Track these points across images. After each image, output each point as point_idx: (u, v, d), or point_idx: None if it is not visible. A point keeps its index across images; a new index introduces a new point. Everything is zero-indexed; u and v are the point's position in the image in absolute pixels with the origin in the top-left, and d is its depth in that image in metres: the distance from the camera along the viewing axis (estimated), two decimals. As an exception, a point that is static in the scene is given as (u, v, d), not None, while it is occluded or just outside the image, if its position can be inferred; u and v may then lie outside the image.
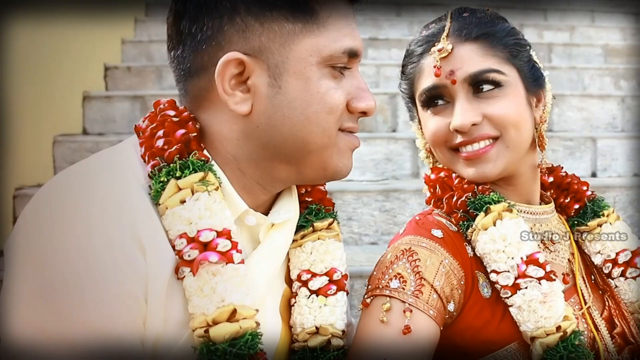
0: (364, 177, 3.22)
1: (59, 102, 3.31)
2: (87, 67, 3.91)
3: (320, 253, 1.14)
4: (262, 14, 0.99)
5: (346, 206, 2.84)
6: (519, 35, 1.27)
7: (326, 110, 1.01)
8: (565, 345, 1.10)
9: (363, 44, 3.47)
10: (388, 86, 4.05)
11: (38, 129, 2.98)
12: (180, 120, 1.02)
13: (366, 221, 2.84)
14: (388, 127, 3.69)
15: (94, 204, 0.90)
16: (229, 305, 0.93)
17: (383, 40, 4.56)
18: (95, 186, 0.92)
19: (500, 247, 1.15)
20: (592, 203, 1.36)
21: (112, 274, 0.88)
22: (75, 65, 3.60)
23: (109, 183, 0.94)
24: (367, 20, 5.00)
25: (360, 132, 3.49)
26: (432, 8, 5.07)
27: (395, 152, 3.26)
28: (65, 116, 3.44)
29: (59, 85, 3.29)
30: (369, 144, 3.24)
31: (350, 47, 1.03)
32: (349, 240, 2.80)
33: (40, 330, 0.86)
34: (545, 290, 1.13)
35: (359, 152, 3.41)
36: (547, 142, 1.31)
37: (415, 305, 1.09)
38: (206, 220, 0.95)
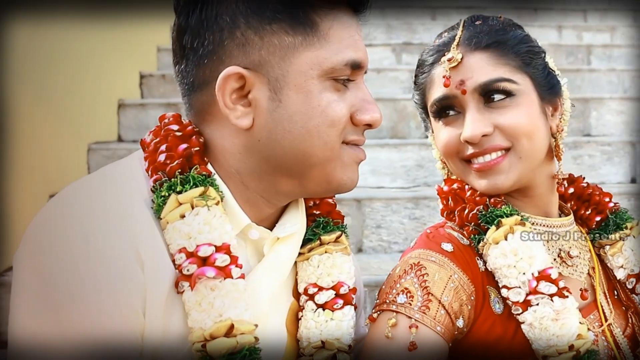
0: (395, 184, 3.19)
1: (95, 109, 3.39)
2: (123, 74, 3.99)
3: (327, 267, 1.12)
4: (261, 28, 0.98)
5: (375, 214, 2.81)
6: (532, 43, 1.24)
7: (327, 124, 1.00)
8: None
9: (397, 49, 3.43)
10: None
11: (73, 137, 3.05)
12: (184, 135, 1.02)
13: (395, 229, 2.81)
14: (421, 132, 3.65)
15: (93, 218, 0.91)
16: (226, 320, 0.92)
17: (417, 44, 4.52)
18: (97, 201, 0.93)
19: (512, 262, 1.12)
20: (615, 215, 1.31)
21: (109, 286, 0.89)
22: (111, 72, 3.68)
23: (111, 198, 0.94)
24: (402, 24, 4.96)
25: (392, 139, 3.48)
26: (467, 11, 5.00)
27: (427, 159, 3.22)
28: (101, 124, 3.51)
29: (94, 92, 3.37)
30: (400, 150, 3.21)
31: (352, 59, 1.02)
32: (378, 248, 2.78)
33: (39, 338, 0.87)
34: (557, 307, 1.09)
35: (390, 159, 3.39)
36: (563, 152, 1.27)
37: (421, 321, 1.07)
38: (205, 235, 0.95)
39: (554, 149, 1.25)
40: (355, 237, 2.78)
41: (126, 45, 4.08)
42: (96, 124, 3.43)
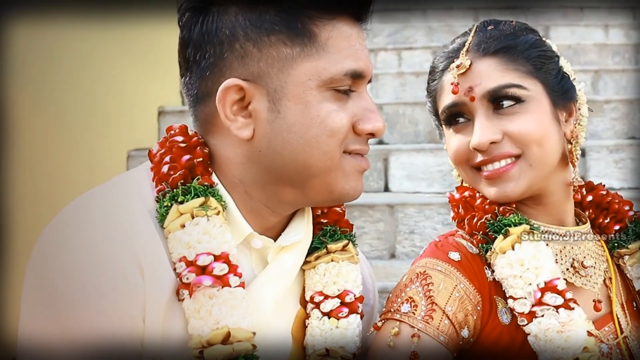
0: (432, 189, 3.16)
1: (135, 116, 3.47)
2: (163, 81, 4.07)
3: (332, 275, 1.13)
4: (259, 40, 1.00)
5: (408, 219, 2.80)
6: (544, 47, 1.21)
7: (327, 134, 1.01)
8: None
9: (437, 52, 3.40)
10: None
11: (114, 143, 3.14)
12: (188, 146, 1.04)
13: (428, 234, 2.78)
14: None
15: (95, 228, 0.94)
16: (223, 328, 0.94)
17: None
18: (100, 211, 0.97)
19: (518, 272, 1.10)
20: (634, 224, 1.27)
21: (109, 292, 0.92)
22: (151, 79, 3.76)
23: (113, 209, 0.97)
24: (443, 26, 4.92)
25: (428, 143, 3.44)
26: (510, 12, 4.93)
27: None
28: (141, 130, 3.59)
29: (135, 99, 3.45)
30: (435, 155, 3.19)
31: (352, 68, 1.02)
32: (411, 254, 2.76)
33: (40, 341, 0.91)
34: (563, 319, 1.06)
35: (426, 164, 3.36)
36: (577, 159, 1.24)
37: (424, 331, 1.07)
38: (204, 245, 0.97)
39: (568, 155, 1.22)
40: (388, 242, 2.77)
41: (166, 52, 4.16)
42: (136, 130, 3.51)
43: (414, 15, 5.31)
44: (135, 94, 3.45)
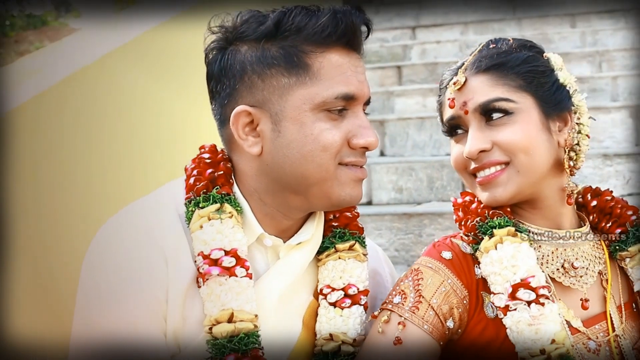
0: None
1: (213, 125, 3.75)
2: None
3: (338, 271, 1.30)
4: (263, 72, 1.19)
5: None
6: (535, 62, 1.29)
7: (320, 149, 1.18)
8: None
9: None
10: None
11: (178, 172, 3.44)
12: (213, 162, 1.26)
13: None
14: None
15: (130, 230, 1.18)
16: (228, 310, 1.14)
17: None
18: (135, 218, 1.21)
19: (498, 269, 1.21)
20: (636, 228, 1.32)
21: (138, 278, 1.15)
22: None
23: (147, 215, 1.21)
24: (537, 35, 4.87)
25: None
26: (609, 16, 4.79)
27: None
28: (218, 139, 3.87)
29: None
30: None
31: (343, 92, 1.19)
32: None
33: (86, 323, 1.15)
34: (534, 313, 1.16)
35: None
36: (578, 166, 1.31)
37: (410, 320, 1.20)
38: (217, 242, 1.18)
39: (564, 162, 1.30)
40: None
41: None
42: (216, 139, 3.78)
43: (509, 25, 5.29)
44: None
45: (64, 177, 2.15)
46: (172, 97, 2.93)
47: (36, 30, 5.99)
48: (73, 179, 2.16)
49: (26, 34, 5.78)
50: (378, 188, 3.30)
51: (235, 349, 1.13)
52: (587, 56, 4.44)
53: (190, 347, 1.18)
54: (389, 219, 2.87)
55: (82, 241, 2.06)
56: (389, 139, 3.74)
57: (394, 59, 4.95)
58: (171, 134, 2.87)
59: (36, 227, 1.96)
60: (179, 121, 2.94)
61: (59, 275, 1.99)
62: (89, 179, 2.20)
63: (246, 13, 1.23)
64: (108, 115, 2.48)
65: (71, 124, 2.29)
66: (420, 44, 5.08)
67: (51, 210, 2.02)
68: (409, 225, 2.80)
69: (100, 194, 2.18)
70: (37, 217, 1.98)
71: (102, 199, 2.18)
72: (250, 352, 1.14)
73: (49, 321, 1.86)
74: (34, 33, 5.80)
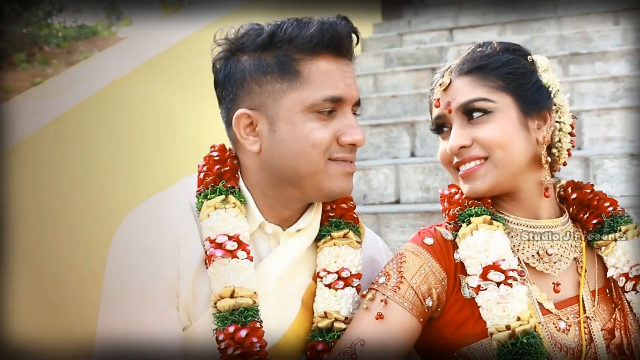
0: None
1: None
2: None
3: (333, 256, 1.45)
4: (260, 79, 1.35)
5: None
6: (516, 65, 1.39)
7: (310, 146, 1.33)
8: (513, 342, 1.24)
9: (564, 60, 3.55)
10: (583, 103, 3.97)
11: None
12: (220, 159, 1.43)
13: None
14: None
15: (146, 219, 1.36)
16: (230, 287, 1.30)
17: (585, 54, 4.43)
18: (154, 207, 1.38)
19: (472, 253, 1.33)
20: (611, 219, 1.42)
21: (154, 262, 1.32)
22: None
23: (163, 205, 1.39)
24: (575, 34, 4.86)
25: None
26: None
27: (565, 171, 3.20)
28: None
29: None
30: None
31: (331, 95, 1.33)
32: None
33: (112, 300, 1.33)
34: (502, 293, 1.27)
35: None
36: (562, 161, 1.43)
37: (392, 298, 1.34)
38: (222, 229, 1.34)
39: (543, 158, 1.40)
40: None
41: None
42: None
43: (548, 24, 5.29)
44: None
45: (64, 182, 2.29)
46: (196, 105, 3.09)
47: (86, 40, 6.29)
48: (73, 182, 2.31)
49: (77, 44, 6.09)
50: (406, 187, 3.40)
51: (236, 320, 1.29)
52: (626, 54, 4.42)
53: (201, 320, 1.35)
54: (412, 217, 2.98)
55: (81, 243, 2.23)
56: (420, 140, 3.82)
57: (430, 61, 5.01)
58: (181, 137, 3.02)
59: (36, 228, 2.10)
60: (196, 127, 3.09)
61: (58, 276, 2.16)
62: (90, 182, 2.37)
63: (246, 26, 1.39)
64: (120, 126, 2.67)
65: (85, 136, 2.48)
66: (457, 46, 5.13)
67: (51, 212, 2.16)
68: (431, 222, 2.87)
69: (99, 198, 2.36)
70: (37, 218, 2.12)
71: (101, 205, 2.36)
72: (249, 324, 1.30)
73: (49, 321, 2.03)
74: (85, 43, 6.09)
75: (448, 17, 6.02)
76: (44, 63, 5.22)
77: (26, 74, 4.60)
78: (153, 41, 3.21)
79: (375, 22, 6.46)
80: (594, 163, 3.19)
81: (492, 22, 5.60)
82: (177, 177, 1.52)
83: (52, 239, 2.18)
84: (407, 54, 5.24)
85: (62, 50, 6.02)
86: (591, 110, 3.61)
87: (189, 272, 1.34)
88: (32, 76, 4.45)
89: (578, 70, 4.45)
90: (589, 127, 3.61)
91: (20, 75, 4.52)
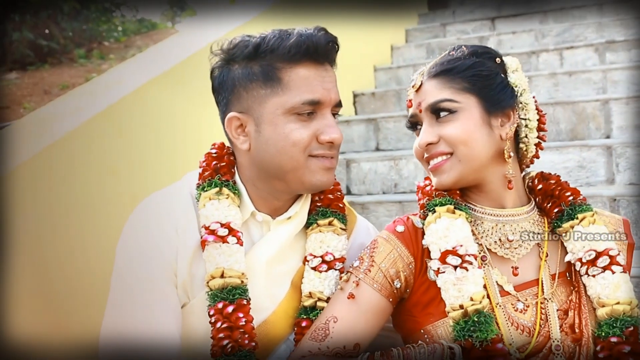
0: (557, 185, 3.31)
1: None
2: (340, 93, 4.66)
3: (317, 241, 1.62)
4: (247, 86, 1.53)
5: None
6: (480, 68, 1.51)
7: (290, 144, 1.50)
8: (466, 320, 1.38)
9: (600, 48, 3.61)
10: (616, 91, 3.96)
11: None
12: (218, 156, 1.62)
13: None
14: (601, 133, 3.66)
15: (150, 210, 1.55)
16: (220, 268, 1.49)
17: (621, 42, 4.40)
18: (158, 199, 1.58)
19: (434, 239, 1.47)
20: (570, 207, 1.53)
21: (155, 246, 1.51)
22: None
23: (166, 197, 1.58)
24: (614, 21, 4.81)
25: (552, 142, 3.58)
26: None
27: (588, 160, 3.28)
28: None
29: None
30: (560, 152, 3.32)
31: (309, 99, 1.49)
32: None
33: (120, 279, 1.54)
34: (458, 275, 1.41)
35: (551, 161, 3.55)
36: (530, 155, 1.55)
37: (363, 280, 1.49)
38: (215, 217, 1.52)
39: (505, 152, 1.52)
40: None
41: (342, 65, 4.73)
42: None
43: (590, 12, 5.24)
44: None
45: (64, 184, 2.37)
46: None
47: (143, 34, 6.56)
48: (73, 185, 2.39)
49: (134, 38, 6.37)
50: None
51: (225, 298, 1.48)
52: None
53: (198, 297, 1.55)
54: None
55: (80, 243, 2.37)
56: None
57: (470, 51, 5.06)
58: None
59: (36, 230, 2.20)
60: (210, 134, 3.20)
61: (58, 276, 2.25)
62: (93, 186, 2.46)
63: (237, 38, 1.57)
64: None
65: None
66: (497, 35, 5.15)
67: (51, 213, 2.28)
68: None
69: (100, 201, 2.46)
70: (36, 220, 2.22)
71: (101, 206, 2.47)
72: (236, 301, 1.49)
73: (49, 321, 2.14)
74: (142, 37, 6.36)
75: (491, 6, 6.01)
76: (101, 58, 5.52)
77: (82, 69, 4.91)
78: (169, 53, 3.38)
79: (421, 12, 6.52)
80: (617, 151, 3.22)
81: (534, 11, 5.59)
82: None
83: (52, 238, 2.30)
84: (448, 44, 5.24)
85: (119, 45, 6.28)
86: (620, 98, 3.62)
87: (186, 255, 1.54)
88: (87, 72, 4.76)
89: (614, 57, 4.42)
90: (617, 115, 3.63)
91: (77, 71, 4.84)
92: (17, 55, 5.12)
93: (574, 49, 4.54)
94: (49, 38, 5.55)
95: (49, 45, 5.42)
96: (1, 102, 3.87)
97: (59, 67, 5.06)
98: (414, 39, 5.81)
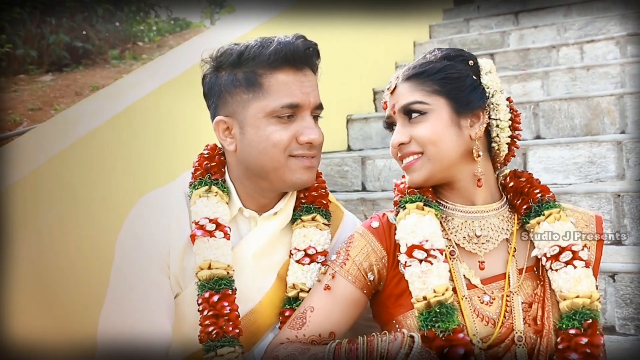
0: (567, 180, 3.34)
1: (329, 123, 4.20)
2: (359, 91, 4.75)
3: (301, 236, 1.73)
4: (232, 91, 1.64)
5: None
6: (450, 71, 1.58)
7: (271, 145, 1.61)
8: (429, 311, 1.47)
9: (621, 41, 3.65)
10: (633, 85, 3.94)
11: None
12: (209, 156, 1.74)
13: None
14: (616, 128, 3.66)
15: (146, 208, 1.68)
16: (207, 260, 1.61)
17: (641, 34, 4.37)
18: (154, 196, 1.71)
19: (404, 234, 1.56)
20: (538, 204, 1.60)
21: (148, 240, 1.64)
22: (347, 90, 4.46)
23: (160, 195, 1.71)
24: (638, 13, 4.76)
25: (563, 137, 3.61)
26: None
27: (598, 155, 3.29)
28: (333, 136, 4.32)
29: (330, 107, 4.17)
30: (571, 148, 3.35)
31: (288, 103, 1.60)
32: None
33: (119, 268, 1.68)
34: (423, 269, 1.50)
35: (561, 157, 3.59)
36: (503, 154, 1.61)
37: (338, 273, 1.60)
38: (204, 213, 1.65)
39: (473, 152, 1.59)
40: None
41: (365, 65, 4.81)
42: (331, 135, 4.24)
43: (614, 4, 5.19)
44: (332, 102, 4.13)
45: (65, 187, 2.45)
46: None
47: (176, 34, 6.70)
48: (74, 189, 2.47)
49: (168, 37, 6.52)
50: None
51: (211, 288, 1.61)
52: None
53: (189, 287, 1.68)
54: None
55: (80, 244, 2.46)
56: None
57: (492, 46, 5.07)
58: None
59: (36, 230, 2.27)
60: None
61: (58, 277, 2.32)
62: (93, 191, 2.54)
63: (224, 47, 1.69)
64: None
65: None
66: (519, 30, 5.15)
67: (51, 213, 2.35)
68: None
69: (100, 204, 2.55)
70: (36, 220, 2.29)
71: (101, 207, 2.56)
72: (221, 290, 1.61)
73: (49, 322, 2.21)
74: (174, 37, 6.50)
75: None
76: (134, 59, 5.70)
77: (114, 70, 5.11)
78: (179, 60, 3.50)
79: (445, 7, 6.53)
80: (627, 147, 3.23)
81: (558, 4, 5.55)
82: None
83: (52, 241, 2.37)
84: (470, 39, 5.32)
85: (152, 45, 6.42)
86: (635, 92, 3.61)
87: (178, 249, 1.66)
88: (118, 73, 4.95)
89: (637, 50, 4.39)
90: (632, 109, 3.62)
91: (108, 72, 5.04)
92: (54, 57, 5.35)
93: (594, 42, 4.52)
94: (85, 40, 5.76)
95: (84, 46, 5.64)
96: (34, 103, 4.08)
97: (92, 69, 5.26)
98: (437, 34, 5.84)
